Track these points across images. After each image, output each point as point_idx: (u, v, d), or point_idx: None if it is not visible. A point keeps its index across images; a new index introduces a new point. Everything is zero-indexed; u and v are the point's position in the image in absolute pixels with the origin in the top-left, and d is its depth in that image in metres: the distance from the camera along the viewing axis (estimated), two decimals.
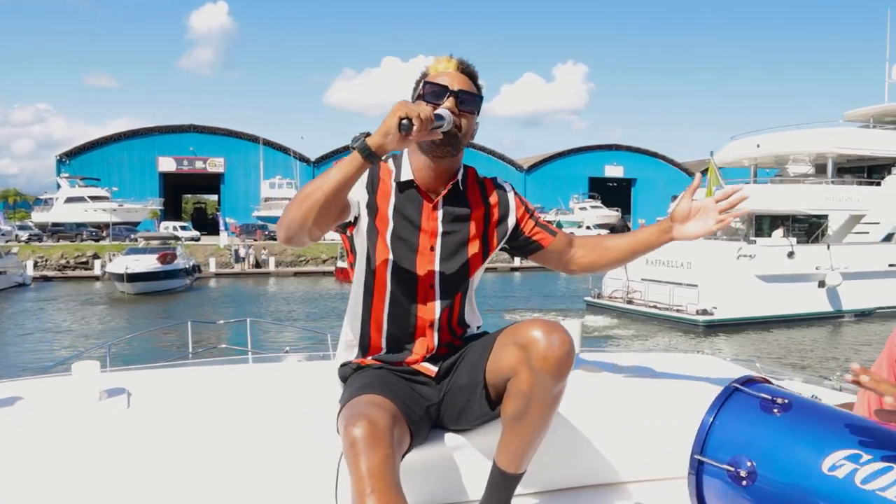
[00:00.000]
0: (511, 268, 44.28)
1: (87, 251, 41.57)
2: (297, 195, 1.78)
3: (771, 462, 1.38)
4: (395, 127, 1.66)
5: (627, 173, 75.99)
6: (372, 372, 2.00)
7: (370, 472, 1.60)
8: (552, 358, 1.79)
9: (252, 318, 5.26)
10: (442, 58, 1.99)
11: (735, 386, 1.54)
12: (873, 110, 30.25)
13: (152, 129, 65.72)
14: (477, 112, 1.99)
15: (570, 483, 2.29)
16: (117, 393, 2.18)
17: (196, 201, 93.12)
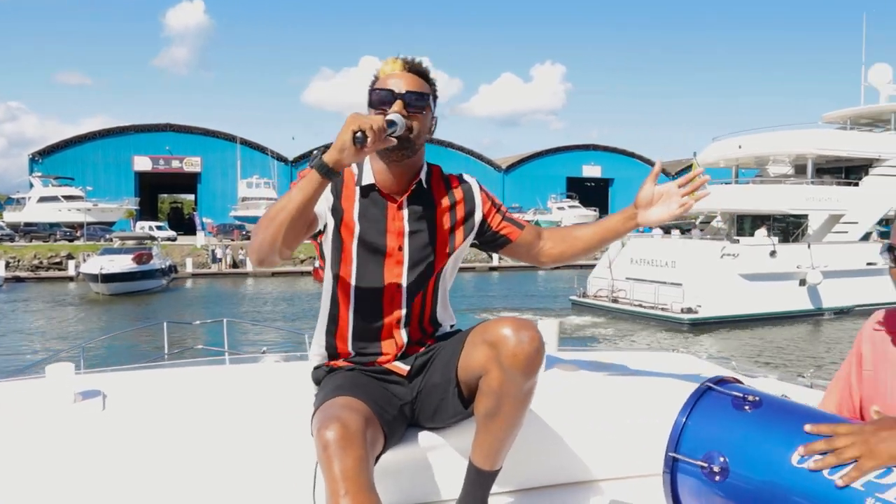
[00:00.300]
0: (490, 267, 44.37)
1: (60, 251, 41.05)
2: (262, 219, 1.80)
3: (742, 457, 1.41)
4: (349, 141, 1.68)
5: (605, 173, 76.47)
6: (344, 374, 2.02)
7: (344, 474, 1.61)
8: (522, 355, 1.81)
9: (229, 318, 5.22)
10: (389, 59, 2.00)
11: (708, 385, 1.56)
12: (850, 112, 31.07)
13: (127, 128, 65.01)
14: (430, 109, 2.01)
15: (546, 481, 2.32)
16: (92, 395, 2.16)
17: (172, 201, 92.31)
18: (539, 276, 43.02)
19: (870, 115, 31.47)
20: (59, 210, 51.11)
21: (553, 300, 30.80)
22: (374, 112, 1.93)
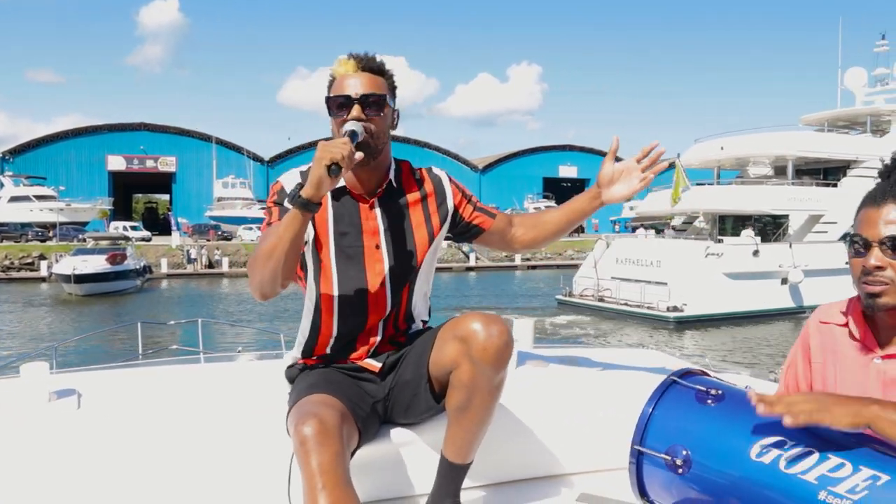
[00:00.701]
0: (466, 267, 44.47)
1: (32, 252, 40.48)
2: (256, 258, 1.84)
3: (704, 450, 1.45)
4: (325, 175, 1.72)
5: (581, 173, 76.77)
6: (318, 372, 2.04)
7: (321, 468, 1.64)
8: (491, 349, 1.85)
9: (204, 318, 5.20)
10: (342, 59, 2.00)
11: (673, 378, 1.60)
12: (828, 115, 31.88)
13: (101, 127, 64.22)
14: (389, 106, 2.01)
15: (518, 475, 2.35)
16: (67, 394, 2.16)
17: (147, 201, 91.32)
18: (516, 277, 43.18)
19: (846, 118, 32.19)
20: (30, 210, 50.30)
21: (530, 299, 30.91)
22: (333, 119, 1.97)
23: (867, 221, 1.48)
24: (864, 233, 1.48)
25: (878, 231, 1.46)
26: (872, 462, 1.28)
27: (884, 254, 1.45)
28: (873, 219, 1.47)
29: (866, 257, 1.47)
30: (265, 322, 22.56)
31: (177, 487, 1.96)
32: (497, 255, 49.08)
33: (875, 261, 1.45)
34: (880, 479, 1.25)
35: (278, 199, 1.97)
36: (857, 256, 1.50)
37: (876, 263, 1.45)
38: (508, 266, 47.51)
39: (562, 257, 50.64)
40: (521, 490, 2.28)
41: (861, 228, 1.49)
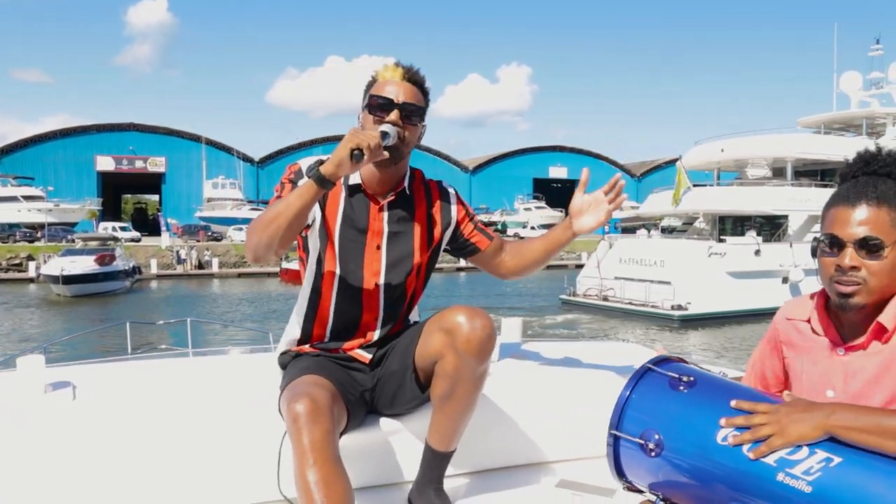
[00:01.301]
0: (457, 268, 44.51)
1: (20, 253, 40.24)
2: (259, 220, 1.91)
3: (675, 434, 1.51)
4: (347, 157, 1.80)
5: (571, 174, 76.86)
6: (310, 358, 2.11)
7: (312, 445, 1.71)
8: (475, 340, 1.93)
9: (192, 318, 5.23)
10: (389, 65, 2.07)
11: (648, 366, 1.66)
12: (824, 118, 32.78)
13: (90, 128, 63.89)
14: (422, 119, 2.09)
15: (500, 463, 2.43)
16: (62, 386, 2.21)
17: (136, 202, 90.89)
18: None
19: (842, 121, 33.04)
20: (18, 210, 49.99)
21: (522, 299, 30.98)
22: (370, 115, 2.02)
23: (840, 221, 1.49)
24: (837, 232, 1.49)
25: (851, 231, 1.47)
26: (827, 446, 1.35)
27: (858, 254, 1.47)
28: (846, 218, 1.48)
29: (840, 257, 1.48)
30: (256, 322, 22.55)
31: (169, 474, 2.03)
32: None
33: (850, 261, 1.47)
34: (833, 461, 1.32)
35: (294, 178, 2.03)
36: (830, 256, 1.51)
37: (851, 263, 1.47)
38: None
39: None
40: (503, 477, 2.36)
41: (833, 228, 1.50)
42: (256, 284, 37.50)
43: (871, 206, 1.48)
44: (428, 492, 2.10)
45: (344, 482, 1.74)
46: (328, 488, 1.69)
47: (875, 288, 1.47)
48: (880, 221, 1.47)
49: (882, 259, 1.46)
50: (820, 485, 1.30)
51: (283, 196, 1.95)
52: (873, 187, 1.50)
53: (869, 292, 1.47)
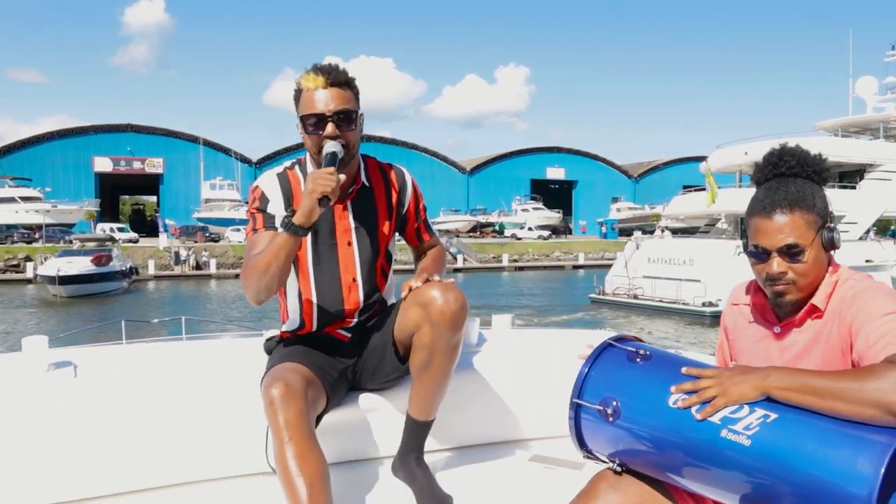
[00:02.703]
0: (454, 269, 44.61)
1: (18, 253, 40.32)
2: (251, 271, 2.06)
3: (631, 401, 1.64)
4: (316, 206, 1.95)
5: (569, 175, 77.13)
6: (291, 345, 2.24)
7: (286, 423, 1.89)
8: (448, 313, 2.05)
9: (187, 316, 5.28)
10: (309, 75, 2.10)
11: (609, 342, 1.78)
12: (841, 122, 33.86)
13: (87, 129, 64.00)
14: (357, 116, 2.15)
15: (478, 440, 2.56)
16: (64, 365, 2.30)
17: (134, 203, 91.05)
18: (503, 277, 43.35)
19: (858, 125, 34.06)
20: (16, 211, 50.04)
21: (518, 298, 31.08)
22: (307, 136, 2.11)
23: (762, 232, 1.64)
24: (762, 243, 1.64)
25: (774, 240, 1.62)
26: (765, 405, 1.49)
27: (783, 259, 1.62)
28: (767, 229, 1.63)
29: (768, 265, 1.64)
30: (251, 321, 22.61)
31: (165, 447, 2.16)
32: (484, 257, 49.28)
33: (777, 267, 1.62)
34: (770, 416, 1.47)
35: (260, 206, 2.16)
36: (759, 263, 1.67)
37: (779, 270, 1.62)
38: (496, 267, 47.75)
39: (549, 258, 50.92)
40: (481, 452, 2.50)
41: (758, 239, 1.65)
42: None
43: (786, 213, 1.62)
44: (409, 461, 2.22)
45: (318, 456, 1.90)
46: (303, 462, 1.86)
47: (803, 285, 1.64)
48: (797, 226, 1.61)
49: (804, 261, 1.62)
50: (758, 438, 1.45)
51: (259, 229, 2.14)
52: (784, 191, 1.64)
53: (799, 289, 1.64)
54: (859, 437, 1.38)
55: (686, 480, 1.61)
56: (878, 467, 1.32)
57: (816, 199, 1.65)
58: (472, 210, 66.82)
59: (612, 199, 73.03)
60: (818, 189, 1.68)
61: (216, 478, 2.21)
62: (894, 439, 1.35)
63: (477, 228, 61.50)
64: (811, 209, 1.63)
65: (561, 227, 65.17)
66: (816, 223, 1.64)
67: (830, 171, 1.71)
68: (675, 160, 79.75)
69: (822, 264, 1.65)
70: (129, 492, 2.12)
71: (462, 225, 60.62)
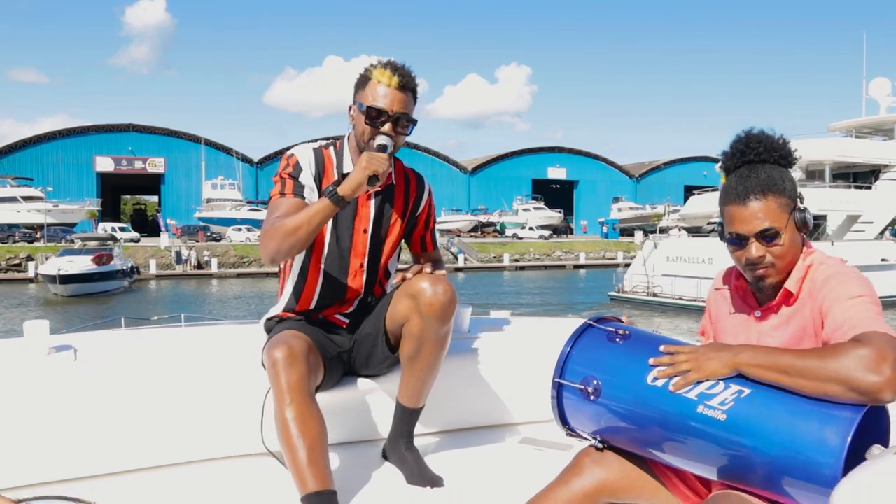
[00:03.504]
0: (455, 268, 44.68)
1: (19, 253, 40.37)
2: (277, 229, 2.07)
3: (611, 379, 1.69)
4: (365, 182, 2.01)
5: (570, 175, 77.16)
6: (292, 321, 2.30)
7: (289, 385, 1.94)
8: (437, 304, 2.11)
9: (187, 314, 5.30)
10: (385, 70, 2.18)
11: (589, 322, 1.84)
12: (854, 123, 34.32)
13: (89, 128, 64.09)
14: (413, 123, 2.23)
15: (468, 424, 2.62)
16: (65, 349, 2.36)
17: (136, 202, 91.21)
18: (505, 277, 43.37)
19: (872, 126, 34.51)
20: (17, 211, 50.10)
21: (518, 297, 31.10)
22: (364, 125, 2.16)
23: (738, 219, 1.67)
24: (739, 230, 1.68)
25: (750, 226, 1.66)
26: (739, 380, 1.55)
27: (760, 244, 1.66)
28: (743, 216, 1.66)
29: (746, 250, 1.68)
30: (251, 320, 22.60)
31: (163, 429, 2.21)
32: (485, 256, 49.30)
33: (756, 252, 1.66)
34: (744, 392, 1.52)
35: (293, 173, 2.20)
36: (738, 250, 1.70)
37: (757, 255, 1.66)
38: (497, 267, 47.77)
39: (550, 258, 50.91)
40: (471, 436, 2.55)
41: (735, 226, 1.68)
42: (255, 284, 37.63)
43: (759, 199, 1.66)
44: (399, 445, 2.27)
45: (318, 418, 1.96)
46: (303, 424, 1.92)
47: (782, 267, 1.68)
48: (770, 210, 1.65)
49: (781, 244, 1.66)
50: (732, 413, 1.50)
51: (287, 193, 2.16)
52: (756, 177, 1.68)
53: (778, 272, 1.68)
54: (828, 411, 1.43)
55: (665, 455, 1.65)
56: (844, 438, 1.37)
57: (786, 182, 1.69)
58: (474, 210, 66.86)
59: (614, 198, 73.07)
60: (786, 172, 1.72)
61: (213, 458, 2.26)
62: (859, 412, 1.41)
63: (478, 228, 61.53)
64: (783, 192, 1.67)
65: (562, 226, 65.16)
66: (789, 205, 1.68)
67: (796, 154, 1.75)
68: (677, 160, 79.82)
69: (797, 245, 1.70)
70: (128, 471, 2.17)
71: (463, 225, 60.65)
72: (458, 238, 52.86)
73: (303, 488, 1.89)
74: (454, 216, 62.24)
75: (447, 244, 48.30)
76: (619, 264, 49.24)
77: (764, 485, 1.51)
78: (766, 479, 1.49)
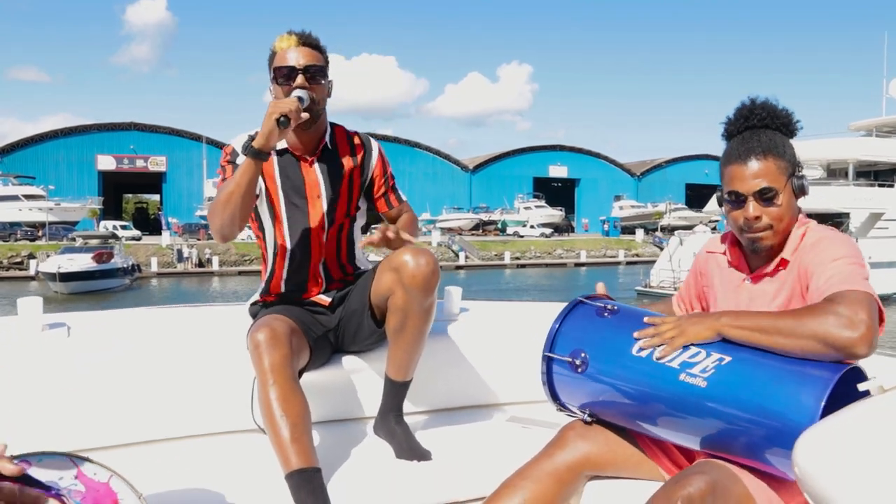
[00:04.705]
0: (456, 266, 44.67)
1: (21, 251, 40.44)
2: (215, 204, 2.13)
3: (598, 352, 1.73)
4: (275, 126, 2.01)
5: (571, 173, 77.12)
6: (277, 305, 2.33)
7: (271, 367, 1.97)
8: (420, 276, 2.13)
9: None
10: (283, 35, 2.25)
11: (579, 299, 1.88)
12: (875, 122, 35.20)
13: (90, 127, 64.16)
14: (325, 77, 2.26)
15: (457, 403, 2.65)
16: (58, 326, 2.38)
17: (137, 201, 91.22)
18: (505, 275, 43.38)
19: (893, 125, 35.08)
20: (19, 209, 50.17)
21: (518, 294, 31.14)
22: (278, 86, 2.21)
23: (738, 178, 1.70)
24: (738, 188, 1.70)
25: (749, 185, 1.68)
26: (720, 348, 1.57)
27: (758, 204, 1.68)
28: (743, 175, 1.69)
29: (744, 210, 1.70)
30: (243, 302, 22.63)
31: (154, 405, 2.24)
32: (487, 254, 49.30)
33: (753, 211, 1.68)
34: (724, 360, 1.55)
35: (231, 159, 2.26)
36: (736, 209, 1.72)
37: (755, 213, 1.68)
38: (498, 265, 47.77)
39: (551, 256, 50.91)
40: (460, 415, 2.58)
41: (734, 185, 1.70)
42: (256, 282, 37.08)
43: (760, 159, 1.68)
44: (389, 419, 2.30)
45: (301, 398, 1.98)
46: (286, 404, 1.94)
47: (779, 229, 1.70)
48: (770, 171, 1.68)
49: (778, 205, 1.69)
50: (713, 380, 1.53)
51: (227, 178, 2.21)
52: (757, 140, 1.70)
53: (774, 234, 1.70)
54: (805, 373, 1.46)
55: (651, 426, 1.67)
56: (819, 399, 1.40)
57: (786, 147, 1.73)
58: (475, 208, 66.83)
59: (615, 197, 72.99)
60: (787, 140, 1.75)
61: (204, 433, 2.29)
62: (836, 373, 1.43)
63: (479, 226, 61.51)
64: (782, 156, 1.70)
65: (563, 224, 65.13)
66: (787, 169, 1.70)
67: (798, 124, 1.78)
68: (678, 158, 79.74)
69: (793, 210, 1.72)
70: (120, 445, 2.19)
71: (464, 223, 60.65)
72: (459, 236, 52.84)
73: (287, 466, 1.90)
74: (455, 214, 62.25)
75: (448, 242, 48.30)
76: (621, 262, 49.35)
77: (746, 453, 1.53)
78: (747, 446, 1.51)
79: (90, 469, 1.17)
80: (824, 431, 1.20)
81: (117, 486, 1.17)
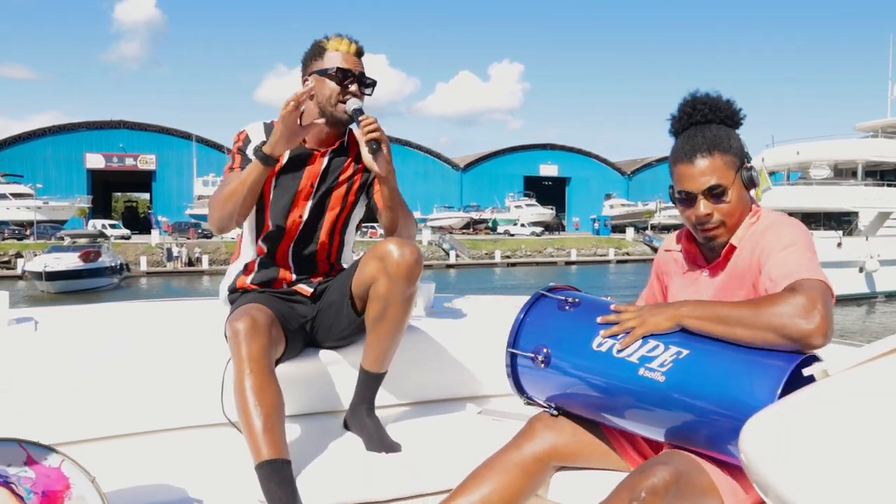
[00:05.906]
0: (447, 265, 44.68)
1: (9, 250, 40.19)
2: (217, 197, 2.20)
3: (560, 347, 1.73)
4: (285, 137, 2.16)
5: (562, 172, 77.20)
6: (255, 294, 2.32)
7: (249, 356, 1.97)
8: (404, 265, 2.15)
9: None
10: (342, 38, 2.30)
11: (541, 293, 1.88)
12: (881, 123, 35.67)
13: (79, 125, 63.79)
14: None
15: (431, 397, 2.66)
16: (25, 321, 2.37)
17: (127, 200, 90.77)
18: (495, 274, 43.41)
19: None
20: (7, 208, 49.87)
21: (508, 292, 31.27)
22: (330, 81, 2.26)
23: (686, 177, 1.71)
24: (687, 188, 1.71)
25: (698, 184, 1.69)
26: (678, 341, 1.58)
27: (709, 201, 1.69)
28: (691, 173, 1.70)
29: (695, 208, 1.71)
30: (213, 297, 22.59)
31: (122, 399, 2.22)
32: (477, 253, 49.32)
33: (704, 209, 1.70)
34: (682, 353, 1.56)
35: (242, 147, 2.30)
36: (688, 208, 1.73)
37: (706, 211, 1.70)
38: (488, 263, 47.79)
39: (542, 255, 50.96)
40: (431, 407, 2.59)
41: (683, 184, 1.72)
42: None
43: (706, 157, 1.69)
44: (360, 412, 2.29)
45: (276, 390, 1.98)
46: (261, 393, 1.95)
47: (731, 225, 1.72)
48: (717, 167, 1.69)
49: (728, 201, 1.70)
50: (671, 374, 1.54)
51: (235, 167, 2.27)
52: (702, 137, 1.71)
53: (727, 229, 1.72)
54: (761, 363, 1.48)
55: (615, 419, 1.68)
56: (774, 389, 1.42)
57: (732, 141, 1.72)
58: (466, 207, 66.83)
59: (606, 195, 73.15)
60: (733, 133, 1.75)
61: (173, 427, 2.27)
62: (790, 363, 1.45)
63: (470, 225, 61.53)
64: (729, 151, 1.70)
65: (554, 223, 65.23)
66: (735, 164, 1.71)
67: (741, 114, 1.78)
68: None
69: (745, 203, 1.74)
70: (88, 440, 2.17)
71: (455, 222, 60.65)
72: (449, 235, 52.80)
73: (257, 456, 1.90)
74: (446, 213, 62.23)
75: (439, 241, 48.28)
76: (611, 261, 49.43)
77: (708, 444, 1.54)
78: (708, 438, 1.52)
79: (40, 454, 1.16)
80: (767, 418, 1.21)
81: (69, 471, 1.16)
